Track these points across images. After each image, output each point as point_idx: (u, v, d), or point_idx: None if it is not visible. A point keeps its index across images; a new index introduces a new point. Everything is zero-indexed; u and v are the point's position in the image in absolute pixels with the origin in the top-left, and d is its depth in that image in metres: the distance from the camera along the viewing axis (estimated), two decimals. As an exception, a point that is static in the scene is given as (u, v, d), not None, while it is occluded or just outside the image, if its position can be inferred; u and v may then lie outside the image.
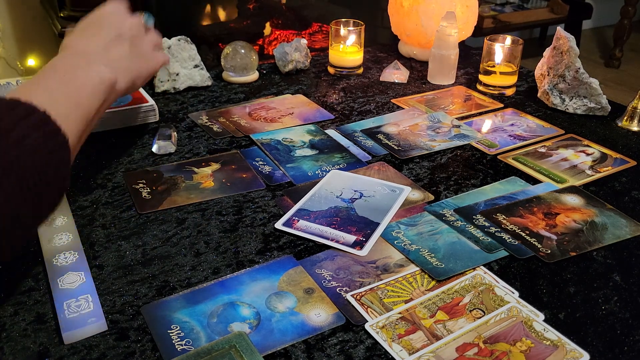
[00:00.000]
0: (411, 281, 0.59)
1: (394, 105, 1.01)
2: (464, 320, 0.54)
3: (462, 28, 1.15)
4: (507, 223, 0.68)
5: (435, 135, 0.89)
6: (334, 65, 1.14)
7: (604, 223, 0.68)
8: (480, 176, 0.79)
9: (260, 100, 1.01)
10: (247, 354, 0.49)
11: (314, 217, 0.68)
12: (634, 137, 0.90)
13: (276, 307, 0.55)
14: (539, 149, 0.86)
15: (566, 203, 0.72)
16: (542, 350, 0.51)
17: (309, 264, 0.61)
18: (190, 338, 0.51)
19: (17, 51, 2.26)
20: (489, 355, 0.50)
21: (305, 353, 0.51)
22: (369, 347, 0.51)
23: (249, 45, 1.07)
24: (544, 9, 3.06)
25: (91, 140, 0.86)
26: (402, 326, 0.53)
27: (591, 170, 0.80)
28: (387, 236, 0.65)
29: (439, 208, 0.71)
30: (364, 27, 1.12)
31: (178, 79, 1.02)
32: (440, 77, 1.10)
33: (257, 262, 0.61)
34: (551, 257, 0.62)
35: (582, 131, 0.91)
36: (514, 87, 1.06)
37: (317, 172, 0.78)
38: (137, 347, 0.51)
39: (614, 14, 3.24)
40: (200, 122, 0.92)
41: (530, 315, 0.54)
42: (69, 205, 0.69)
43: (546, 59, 0.99)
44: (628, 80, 3.06)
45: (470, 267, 0.61)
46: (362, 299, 0.56)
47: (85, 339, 0.51)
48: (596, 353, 0.51)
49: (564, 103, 0.97)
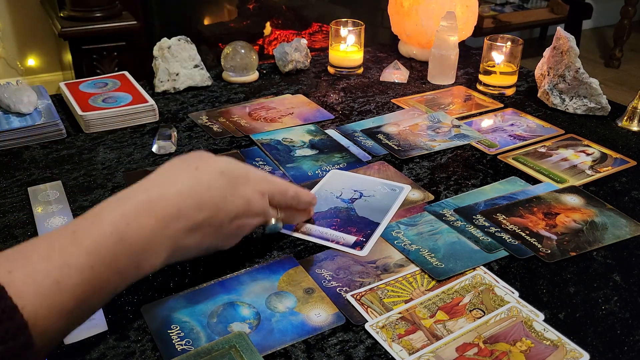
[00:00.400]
0: (411, 281, 0.59)
1: (394, 105, 1.01)
2: (464, 320, 0.54)
3: (462, 28, 1.15)
4: (507, 223, 0.68)
5: (435, 135, 0.89)
6: (334, 65, 1.14)
7: (604, 223, 0.68)
8: (480, 176, 0.79)
9: (260, 100, 1.01)
10: (247, 354, 0.49)
11: (314, 218, 0.68)
12: (634, 137, 0.90)
13: (276, 307, 0.55)
14: (539, 149, 0.86)
15: (566, 203, 0.72)
16: (542, 350, 0.51)
17: (309, 264, 0.61)
18: (190, 338, 0.51)
19: (17, 51, 2.27)
20: (489, 355, 0.50)
21: (305, 353, 0.51)
22: (369, 347, 0.51)
23: (249, 45, 1.07)
24: (544, 9, 3.06)
25: (91, 140, 0.86)
26: (402, 326, 0.53)
27: (591, 170, 0.80)
28: (387, 236, 0.65)
29: (439, 208, 0.71)
30: (364, 27, 1.12)
31: (178, 79, 1.02)
32: (440, 77, 1.10)
33: (257, 262, 0.61)
34: (551, 257, 0.62)
35: (582, 131, 0.91)
36: (514, 87, 1.06)
37: (317, 172, 0.78)
38: (137, 347, 0.51)
39: (614, 14, 3.24)
40: (200, 122, 0.92)
41: (530, 315, 0.54)
42: (69, 205, 0.69)
43: (546, 58, 0.99)
44: (628, 80, 3.06)
45: (470, 267, 0.61)
46: (362, 299, 0.56)
47: (85, 338, 0.51)
48: (596, 353, 0.51)
49: (564, 103, 0.97)
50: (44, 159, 0.80)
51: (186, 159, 0.54)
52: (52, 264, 0.42)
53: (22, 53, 2.28)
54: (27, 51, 2.28)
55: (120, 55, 1.90)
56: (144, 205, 0.48)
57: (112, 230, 0.45)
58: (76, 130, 0.88)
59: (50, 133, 0.85)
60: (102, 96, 0.94)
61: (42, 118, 0.86)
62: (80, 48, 1.85)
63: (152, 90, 1.02)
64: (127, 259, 0.46)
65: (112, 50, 1.89)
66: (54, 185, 0.74)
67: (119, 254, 0.45)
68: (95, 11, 1.84)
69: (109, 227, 0.45)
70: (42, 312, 0.40)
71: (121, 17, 1.90)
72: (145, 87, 1.02)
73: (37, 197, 0.71)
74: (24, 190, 0.73)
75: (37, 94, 0.92)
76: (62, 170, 0.77)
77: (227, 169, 0.54)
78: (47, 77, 2.30)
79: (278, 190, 0.59)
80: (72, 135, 0.87)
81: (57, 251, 0.43)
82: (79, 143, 0.85)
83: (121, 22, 1.87)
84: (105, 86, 0.98)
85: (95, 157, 0.81)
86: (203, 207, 0.51)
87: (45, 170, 0.77)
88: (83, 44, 1.85)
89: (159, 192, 0.49)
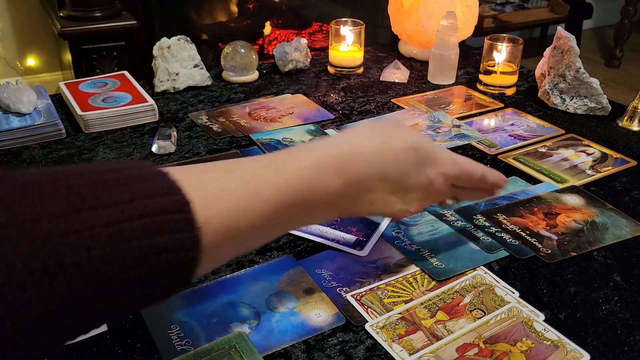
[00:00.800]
0: (411, 281, 0.59)
1: (394, 105, 1.01)
2: (464, 321, 0.54)
3: (462, 28, 1.14)
4: (508, 223, 0.68)
5: (435, 135, 0.89)
6: (334, 65, 1.13)
7: (604, 223, 0.68)
8: (480, 176, 0.78)
9: (260, 100, 1.01)
10: (247, 354, 0.49)
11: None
12: (634, 137, 0.90)
13: (276, 307, 0.55)
14: (540, 148, 0.86)
15: (567, 203, 0.72)
16: (542, 351, 0.51)
17: (309, 264, 0.61)
18: (190, 338, 0.51)
19: (17, 51, 2.26)
20: (489, 355, 0.50)
21: (305, 353, 0.50)
22: (369, 348, 0.51)
23: (249, 45, 1.07)
24: (545, 8, 3.06)
25: (91, 140, 0.86)
26: (403, 326, 0.53)
27: (592, 170, 0.80)
28: (388, 236, 0.65)
29: (439, 208, 0.71)
30: (364, 27, 1.12)
31: (178, 79, 1.01)
32: (440, 77, 1.09)
33: (257, 262, 0.61)
34: (551, 257, 0.62)
35: (582, 131, 0.91)
36: (514, 86, 1.06)
37: (317, 172, 0.78)
38: (137, 347, 0.51)
39: (615, 14, 3.24)
40: (200, 121, 0.92)
41: (531, 316, 0.54)
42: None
43: (547, 58, 0.99)
44: (628, 80, 3.06)
45: (470, 267, 0.61)
46: (362, 299, 0.56)
47: (85, 339, 0.51)
48: (596, 353, 0.51)
49: (564, 103, 0.97)
50: (44, 159, 0.80)
51: (384, 125, 0.53)
52: (244, 189, 0.41)
53: (22, 53, 2.28)
54: (27, 51, 2.28)
55: (120, 55, 1.90)
56: (336, 161, 0.47)
57: (303, 176, 0.45)
58: (76, 130, 0.88)
59: (49, 133, 0.85)
60: (102, 96, 0.94)
61: (42, 118, 0.86)
62: (80, 48, 1.85)
63: (152, 90, 1.01)
64: (305, 207, 0.45)
65: (112, 50, 1.89)
66: (54, 185, 0.73)
67: (302, 200, 0.44)
68: (95, 11, 1.84)
69: (302, 171, 0.45)
70: (221, 232, 0.39)
71: (121, 16, 1.90)
72: (145, 86, 1.02)
73: (37, 197, 0.71)
74: (24, 190, 0.73)
75: (37, 93, 0.92)
76: (61, 170, 0.77)
77: (418, 144, 0.52)
78: (47, 77, 2.30)
79: (465, 173, 0.55)
80: (72, 135, 0.87)
81: (249, 179, 0.42)
82: (79, 143, 0.85)
83: (121, 22, 1.87)
84: (105, 86, 0.98)
85: (95, 157, 0.81)
86: (385, 179, 0.50)
87: (44, 170, 0.77)
88: (83, 44, 1.84)
89: (349, 151, 0.48)
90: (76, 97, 0.93)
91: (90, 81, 1.00)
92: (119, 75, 1.03)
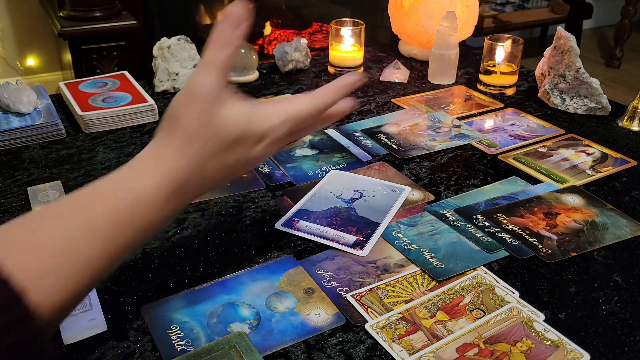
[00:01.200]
0: (411, 281, 0.59)
1: (394, 105, 1.01)
2: (464, 321, 0.54)
3: (463, 28, 1.14)
4: (508, 223, 0.68)
5: (435, 135, 0.89)
6: (334, 65, 1.13)
7: (604, 223, 0.68)
8: (480, 176, 0.78)
9: (260, 100, 1.00)
10: (247, 354, 0.49)
11: (314, 217, 0.68)
12: (634, 137, 0.90)
13: (276, 308, 0.55)
14: (540, 148, 0.85)
15: (567, 203, 0.72)
16: (542, 351, 0.51)
17: (309, 264, 0.61)
18: (190, 338, 0.51)
19: (17, 51, 2.26)
20: (489, 355, 0.50)
21: (305, 353, 0.50)
22: (369, 348, 0.51)
23: (249, 45, 1.07)
24: (545, 8, 3.06)
25: (91, 140, 0.86)
26: (403, 326, 0.53)
27: (592, 170, 0.80)
28: (388, 236, 0.65)
29: (439, 208, 0.71)
30: (364, 27, 1.12)
31: (178, 79, 1.01)
32: (440, 77, 1.09)
33: (257, 262, 0.61)
34: (552, 257, 0.62)
35: (582, 131, 0.91)
36: (514, 86, 1.06)
37: (317, 172, 0.78)
38: (137, 347, 0.51)
39: (615, 14, 3.24)
40: (200, 121, 0.92)
41: (531, 316, 0.54)
42: (69, 205, 0.69)
43: (547, 58, 0.99)
44: (628, 80, 3.06)
45: (470, 267, 0.61)
46: (362, 299, 0.56)
47: (85, 339, 0.51)
48: (596, 353, 0.51)
49: (564, 103, 0.97)
50: (44, 159, 0.80)
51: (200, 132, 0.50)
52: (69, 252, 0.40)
53: (22, 53, 2.28)
54: (27, 51, 2.28)
55: (120, 55, 1.90)
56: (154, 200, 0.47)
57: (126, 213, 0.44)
58: (76, 130, 0.88)
59: (49, 133, 0.85)
60: (102, 96, 0.94)
61: (42, 118, 0.86)
62: (80, 48, 1.85)
63: (152, 90, 1.01)
64: (134, 226, 0.45)
65: (112, 50, 1.89)
66: (54, 185, 0.74)
67: (127, 224, 0.44)
68: (94, 11, 1.84)
69: (120, 213, 0.44)
70: (56, 306, 0.39)
71: (121, 16, 1.90)
72: (145, 86, 1.02)
73: (37, 197, 0.71)
74: (24, 190, 0.73)
75: (37, 93, 0.92)
76: (61, 170, 0.77)
77: (240, 135, 0.48)
78: (47, 76, 2.30)
79: (299, 121, 0.52)
80: (72, 135, 0.87)
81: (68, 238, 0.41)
82: (79, 143, 0.85)
83: (121, 22, 1.87)
84: (105, 86, 0.98)
85: (95, 157, 0.81)
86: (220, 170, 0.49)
87: (44, 170, 0.77)
88: (83, 44, 1.84)
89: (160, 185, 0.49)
90: (76, 97, 0.93)
91: (90, 81, 1.00)
92: (119, 75, 1.03)
